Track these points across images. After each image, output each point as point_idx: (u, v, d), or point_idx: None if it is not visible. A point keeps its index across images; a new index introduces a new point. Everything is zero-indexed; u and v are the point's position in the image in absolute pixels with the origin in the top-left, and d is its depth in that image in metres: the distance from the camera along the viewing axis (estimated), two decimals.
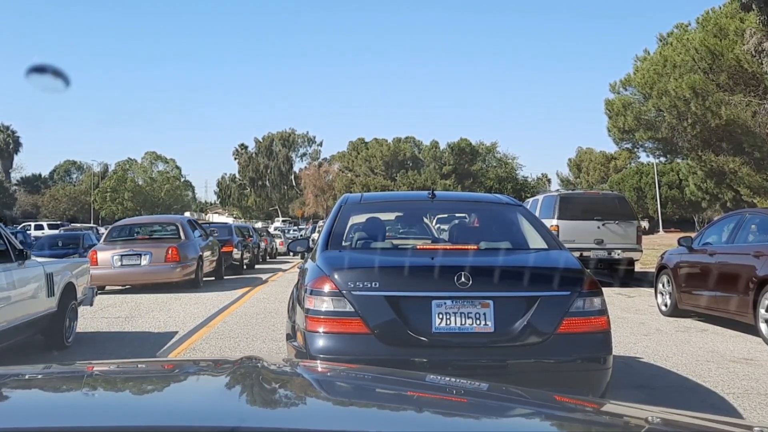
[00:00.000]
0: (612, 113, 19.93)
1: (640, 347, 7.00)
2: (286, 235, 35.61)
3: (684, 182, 51.42)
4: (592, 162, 70.76)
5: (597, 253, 13.88)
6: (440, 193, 5.29)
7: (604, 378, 3.86)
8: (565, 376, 3.79)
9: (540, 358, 3.77)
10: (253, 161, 79.72)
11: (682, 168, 49.19)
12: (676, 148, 19.95)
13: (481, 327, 3.73)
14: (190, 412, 1.42)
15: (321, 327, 3.74)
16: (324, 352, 3.69)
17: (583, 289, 3.87)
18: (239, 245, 18.74)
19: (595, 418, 1.63)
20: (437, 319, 3.72)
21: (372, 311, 3.72)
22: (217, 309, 10.18)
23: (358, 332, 3.70)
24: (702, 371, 5.88)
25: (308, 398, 1.69)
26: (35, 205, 70.01)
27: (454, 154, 68.46)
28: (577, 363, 3.81)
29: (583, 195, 16.80)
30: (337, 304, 3.75)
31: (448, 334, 3.71)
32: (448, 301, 3.73)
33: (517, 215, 4.93)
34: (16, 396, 1.63)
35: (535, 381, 3.57)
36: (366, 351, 3.69)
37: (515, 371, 3.76)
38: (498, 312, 3.74)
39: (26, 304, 6.19)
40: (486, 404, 1.73)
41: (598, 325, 3.84)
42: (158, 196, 69.27)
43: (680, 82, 16.79)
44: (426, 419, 1.50)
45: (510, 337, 3.73)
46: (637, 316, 9.47)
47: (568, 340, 3.77)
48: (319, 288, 3.81)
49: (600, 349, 3.87)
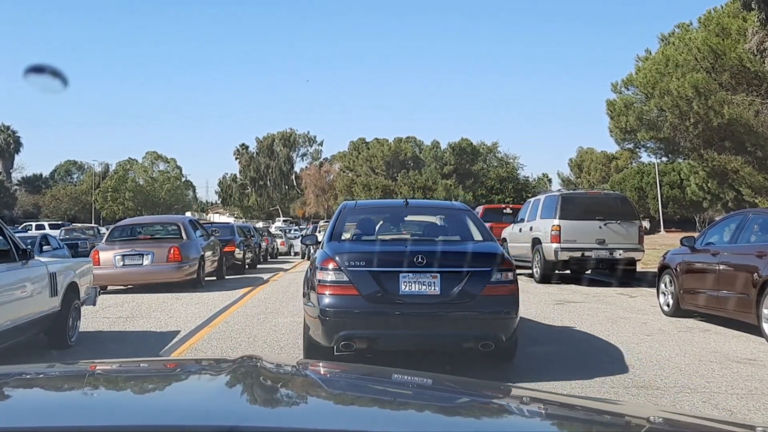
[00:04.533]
0: (614, 113, 19.88)
1: (642, 348, 6.98)
2: (287, 235, 35.61)
3: (685, 182, 51.33)
4: (593, 162, 70.67)
5: (599, 253, 13.84)
6: (412, 201, 7.74)
7: (512, 324, 5.66)
8: (486, 322, 5.59)
9: (470, 311, 5.57)
10: (254, 161, 79.71)
11: (684, 168, 49.13)
12: (678, 148, 19.91)
13: (431, 291, 5.55)
14: (188, 411, 1.42)
15: (327, 291, 5.57)
16: (329, 307, 5.52)
17: (501, 267, 5.70)
18: (241, 245, 18.73)
19: (597, 418, 1.62)
20: (403, 285, 5.54)
21: (361, 281, 5.55)
22: (218, 309, 10.17)
23: (351, 294, 5.54)
24: (705, 371, 5.86)
25: (306, 397, 1.69)
26: (36, 205, 70.03)
27: (455, 154, 68.38)
28: (493, 314, 5.59)
29: (585, 195, 16.74)
30: (338, 276, 5.57)
31: (410, 295, 5.54)
32: (410, 274, 5.55)
33: (465, 217, 6.97)
34: (13, 395, 1.63)
35: (467, 325, 5.62)
36: (356, 306, 5.53)
37: (452, 319, 5.61)
38: (443, 281, 5.55)
39: (29, 303, 6.19)
40: (487, 404, 1.73)
41: (510, 290, 5.67)
42: (159, 196, 69.25)
43: (683, 82, 16.75)
44: (425, 419, 1.49)
45: (450, 298, 5.54)
46: (639, 316, 9.45)
47: (488, 300, 5.56)
48: (325, 265, 5.63)
49: (510, 305, 5.64)
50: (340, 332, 5.47)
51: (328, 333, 5.53)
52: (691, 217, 56.50)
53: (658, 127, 19.13)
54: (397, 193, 62.79)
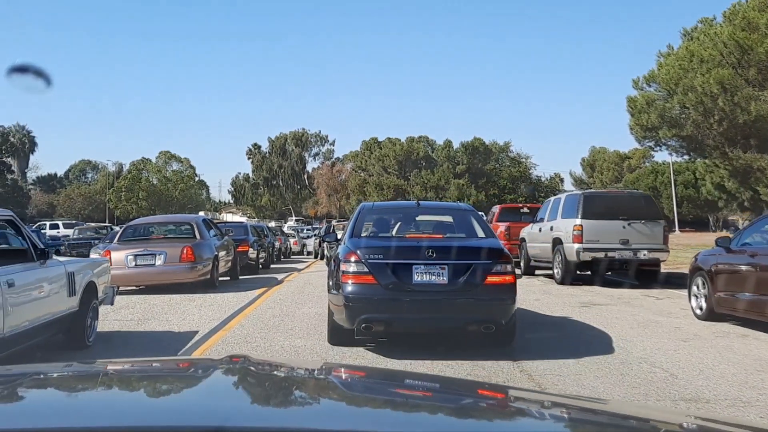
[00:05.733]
0: (634, 110, 19.39)
1: (681, 355, 6.60)
2: (299, 235, 35.38)
3: (700, 182, 50.65)
4: (606, 161, 70.08)
5: (622, 254, 13.41)
6: (423, 202, 8.82)
7: (510, 310, 6.35)
8: (488, 308, 6.28)
9: (474, 298, 6.27)
10: (267, 161, 79.58)
11: (699, 167, 48.36)
12: (701, 145, 19.39)
13: (440, 280, 6.27)
14: (173, 411, 1.43)
15: (350, 280, 6.28)
16: (351, 294, 6.23)
17: (500, 260, 6.39)
18: (255, 245, 18.46)
19: (622, 423, 1.54)
20: (416, 276, 6.26)
21: (379, 271, 6.24)
22: (233, 311, 9.86)
23: (371, 283, 6.24)
24: (755, 382, 5.46)
25: (292, 396, 1.68)
26: (51, 205, 70.33)
27: (468, 153, 67.78)
28: (494, 301, 6.30)
29: (607, 194, 16.31)
30: (359, 267, 6.26)
31: (421, 284, 6.25)
32: (422, 266, 6.26)
33: (470, 217, 7.75)
34: (11, 396, 1.61)
35: (471, 310, 6.29)
36: (375, 293, 6.21)
37: (458, 305, 6.27)
38: (450, 272, 6.27)
39: (48, 303, 6.11)
40: (505, 406, 1.70)
41: (509, 280, 6.35)
42: (172, 195, 69.27)
43: (708, 78, 16.26)
44: (429, 420, 1.47)
45: (457, 287, 6.25)
46: (671, 320, 9.05)
47: (490, 288, 6.27)
48: (348, 258, 6.33)
49: (509, 293, 6.33)
50: (361, 316, 6.18)
51: (351, 317, 6.24)
52: (705, 217, 55.84)
53: (681, 124, 18.63)
54: (410, 193, 62.39)
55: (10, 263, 5.68)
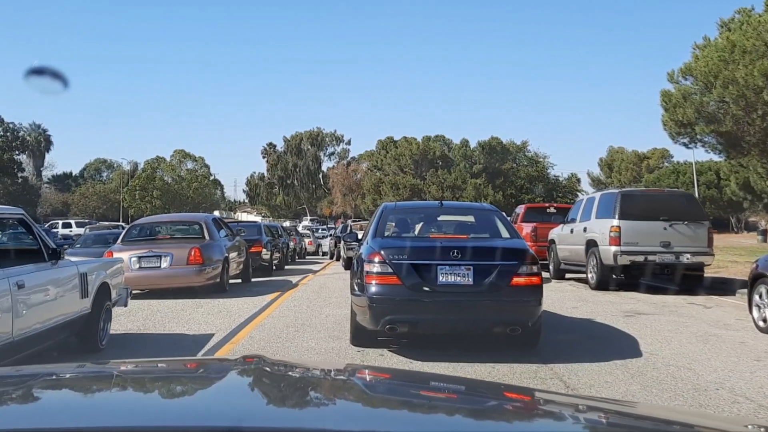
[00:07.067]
0: (669, 105, 18.30)
1: (761, 378, 5.64)
2: (314, 235, 34.57)
3: (724, 182, 49.24)
4: (624, 161, 68.75)
5: (663, 257, 12.39)
6: (446, 203, 8.93)
7: (536, 312, 6.24)
8: (513, 309, 6.19)
9: (499, 299, 6.14)
10: (282, 160, 78.96)
11: (723, 167, 46.96)
12: (739, 142, 18.27)
13: (465, 281, 6.12)
14: (187, 411, 1.44)
15: (374, 281, 6.14)
16: (375, 294, 6.10)
17: (526, 261, 6.26)
18: (268, 245, 17.63)
19: (664, 428, 1.47)
20: (440, 276, 6.11)
21: (403, 272, 6.10)
22: (243, 319, 8.99)
23: (395, 284, 6.10)
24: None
25: (309, 397, 1.67)
26: (65, 203, 70.17)
27: (485, 152, 66.68)
28: (520, 302, 6.19)
29: (646, 192, 15.27)
30: (383, 267, 6.12)
31: (446, 285, 6.11)
32: (447, 267, 6.12)
33: (494, 217, 7.60)
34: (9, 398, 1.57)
35: (496, 312, 6.18)
36: (399, 294, 6.09)
37: (484, 306, 6.16)
38: (475, 273, 6.13)
39: (60, 305, 5.95)
40: (533, 409, 1.65)
41: (535, 281, 6.22)
42: (187, 194, 68.77)
43: (751, 69, 15.16)
44: (430, 420, 1.44)
45: (482, 288, 6.11)
46: (731, 333, 8.06)
47: (515, 290, 6.13)
48: (372, 258, 6.20)
49: (535, 294, 6.22)
50: (386, 317, 6.07)
51: (375, 318, 6.12)
52: (727, 218, 54.41)
53: (719, 120, 17.54)
54: (426, 193, 61.44)
55: (20, 264, 5.50)
